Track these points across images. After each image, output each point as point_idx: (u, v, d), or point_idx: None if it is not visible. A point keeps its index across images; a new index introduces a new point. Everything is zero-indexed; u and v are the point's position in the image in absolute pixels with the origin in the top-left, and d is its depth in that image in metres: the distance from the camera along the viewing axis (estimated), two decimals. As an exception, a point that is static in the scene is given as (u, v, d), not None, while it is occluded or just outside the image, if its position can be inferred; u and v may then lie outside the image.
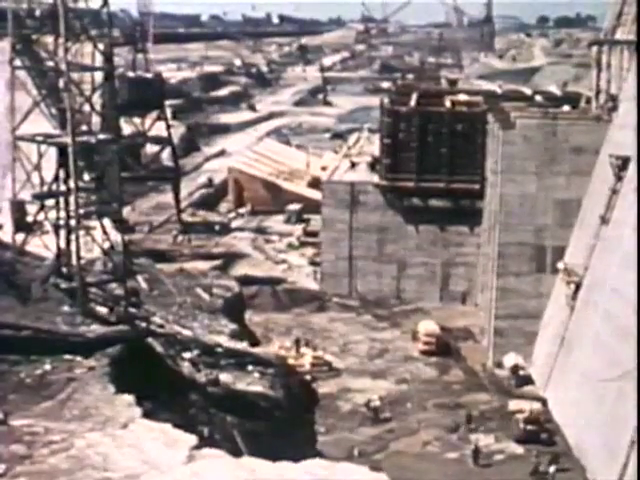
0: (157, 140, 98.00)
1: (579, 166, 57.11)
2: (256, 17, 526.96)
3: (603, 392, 44.73)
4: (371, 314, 71.86)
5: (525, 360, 58.15)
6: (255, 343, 62.83)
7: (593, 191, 54.11)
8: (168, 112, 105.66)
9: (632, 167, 48.90)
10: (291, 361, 60.13)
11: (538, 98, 77.76)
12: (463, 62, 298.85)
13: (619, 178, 49.99)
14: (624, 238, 47.54)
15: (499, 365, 59.63)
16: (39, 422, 32.83)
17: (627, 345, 42.43)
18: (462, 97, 78.41)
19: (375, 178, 75.39)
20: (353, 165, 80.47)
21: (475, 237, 72.03)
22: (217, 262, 79.56)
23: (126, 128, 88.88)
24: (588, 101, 65.36)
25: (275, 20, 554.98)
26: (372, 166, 78.26)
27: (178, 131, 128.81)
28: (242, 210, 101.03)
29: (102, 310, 49.01)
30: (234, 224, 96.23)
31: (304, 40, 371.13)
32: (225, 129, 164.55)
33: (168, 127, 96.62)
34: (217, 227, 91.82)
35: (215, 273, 75.54)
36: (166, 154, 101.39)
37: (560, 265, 55.52)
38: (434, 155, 73.24)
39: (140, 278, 65.70)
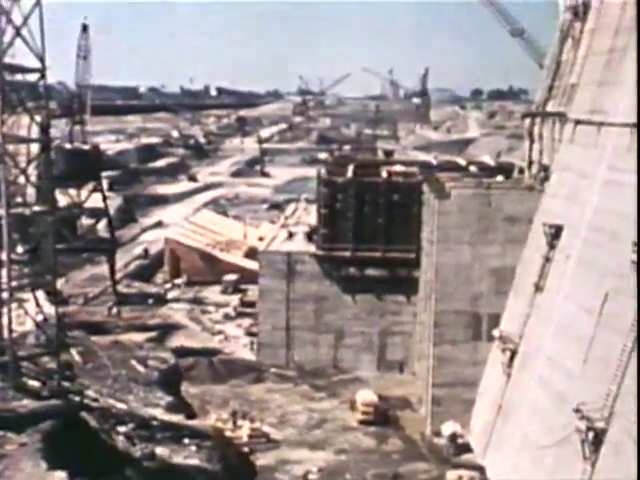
0: (93, 211, 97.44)
1: (513, 235, 57.78)
2: (194, 89, 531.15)
3: (540, 458, 44.78)
4: (309, 384, 71.47)
5: (463, 428, 58.06)
6: (192, 415, 62.04)
7: (527, 259, 54.73)
8: (105, 183, 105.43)
9: (564, 235, 49.64)
10: (228, 433, 59.48)
11: (472, 168, 78.96)
12: (399, 133, 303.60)
13: (552, 246, 50.65)
14: (558, 306, 48.06)
15: (437, 434, 59.51)
16: (-33, 501, 31.94)
17: (563, 411, 42.63)
18: (398, 168, 79.33)
19: (312, 248, 75.63)
20: (290, 235, 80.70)
21: (411, 306, 72.35)
22: (153, 334, 78.90)
23: (62, 199, 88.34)
24: (521, 171, 66.40)
25: (213, 92, 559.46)
26: (309, 236, 78.59)
27: (115, 202, 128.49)
28: (178, 281, 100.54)
29: (34, 384, 48.17)
30: (170, 295, 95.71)
31: (242, 112, 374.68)
32: (162, 200, 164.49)
33: (104, 198, 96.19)
34: (150, 300, 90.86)
35: (151, 345, 74.86)
36: (102, 225, 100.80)
37: (496, 333, 55.82)
38: (370, 225, 73.75)
39: (74, 351, 64.90)
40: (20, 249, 51.44)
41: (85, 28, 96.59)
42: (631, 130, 43.45)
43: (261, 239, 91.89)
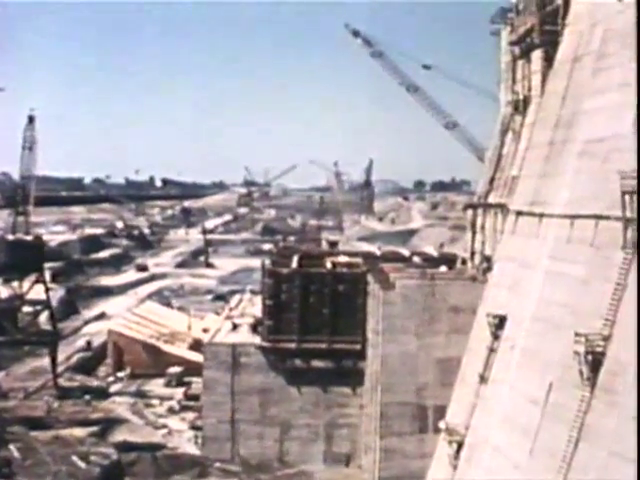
0: (35, 303, 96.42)
1: (457, 325, 57.98)
2: (139, 180, 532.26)
3: None
4: (254, 479, 70.30)
5: (410, 522, 57.32)
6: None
7: (471, 350, 54.79)
8: (47, 275, 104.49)
9: (508, 326, 49.87)
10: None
11: (416, 259, 79.42)
12: (344, 224, 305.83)
13: (496, 337, 50.80)
14: (503, 396, 48.02)
15: (384, 529, 58.62)
16: None
17: (510, 504, 42.33)
18: (342, 258, 79.62)
19: (257, 339, 75.17)
20: (235, 327, 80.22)
21: (358, 398, 71.87)
22: (95, 428, 77.43)
23: (3, 291, 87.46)
24: (464, 262, 67.00)
25: (158, 183, 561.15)
26: (254, 327, 78.17)
27: (57, 294, 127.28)
28: (121, 374, 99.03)
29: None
30: (113, 388, 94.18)
31: (187, 203, 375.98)
32: (106, 291, 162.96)
33: (47, 290, 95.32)
34: (87, 396, 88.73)
35: (92, 440, 73.44)
36: (44, 317, 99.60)
37: (442, 424, 55.53)
38: (316, 316, 73.59)
39: (13, 447, 63.49)
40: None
41: (31, 119, 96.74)
42: (571, 221, 44.20)
43: (205, 331, 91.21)
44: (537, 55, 55.25)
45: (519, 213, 52.16)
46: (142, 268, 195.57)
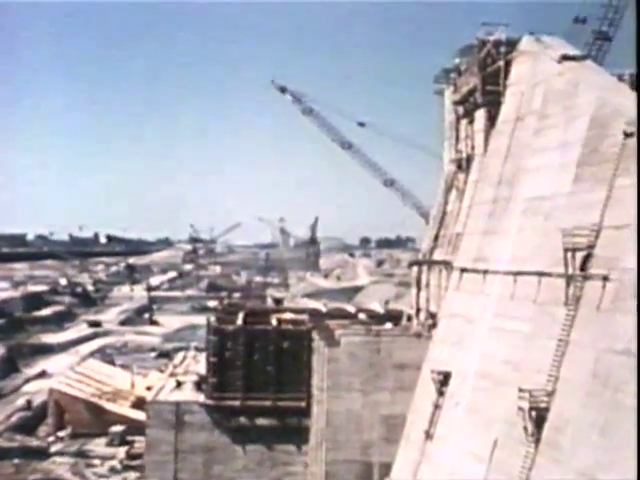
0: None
1: (403, 381, 57.97)
2: (83, 237, 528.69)
3: None
4: (198, 540, 69.20)
5: None
6: None
7: (416, 406, 54.80)
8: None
9: (452, 382, 50.00)
10: None
11: (362, 316, 79.51)
12: (289, 281, 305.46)
13: (441, 393, 50.91)
14: (448, 453, 47.99)
15: None
16: None
17: None
18: (288, 315, 79.42)
19: (201, 397, 74.34)
20: (179, 384, 79.24)
21: (303, 455, 71.24)
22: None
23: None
24: (409, 318, 67.18)
25: (103, 240, 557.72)
26: (198, 385, 77.32)
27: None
28: (62, 433, 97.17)
29: None
30: (54, 448, 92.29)
31: (132, 259, 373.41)
32: (47, 349, 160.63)
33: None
34: (15, 460, 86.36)
35: (31, 502, 71.82)
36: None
37: (387, 482, 55.34)
38: (260, 373, 73.08)
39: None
40: None
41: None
42: (514, 278, 44.67)
43: (149, 388, 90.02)
44: (480, 114, 56.22)
45: (463, 270, 52.61)
46: (94, 324, 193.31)
